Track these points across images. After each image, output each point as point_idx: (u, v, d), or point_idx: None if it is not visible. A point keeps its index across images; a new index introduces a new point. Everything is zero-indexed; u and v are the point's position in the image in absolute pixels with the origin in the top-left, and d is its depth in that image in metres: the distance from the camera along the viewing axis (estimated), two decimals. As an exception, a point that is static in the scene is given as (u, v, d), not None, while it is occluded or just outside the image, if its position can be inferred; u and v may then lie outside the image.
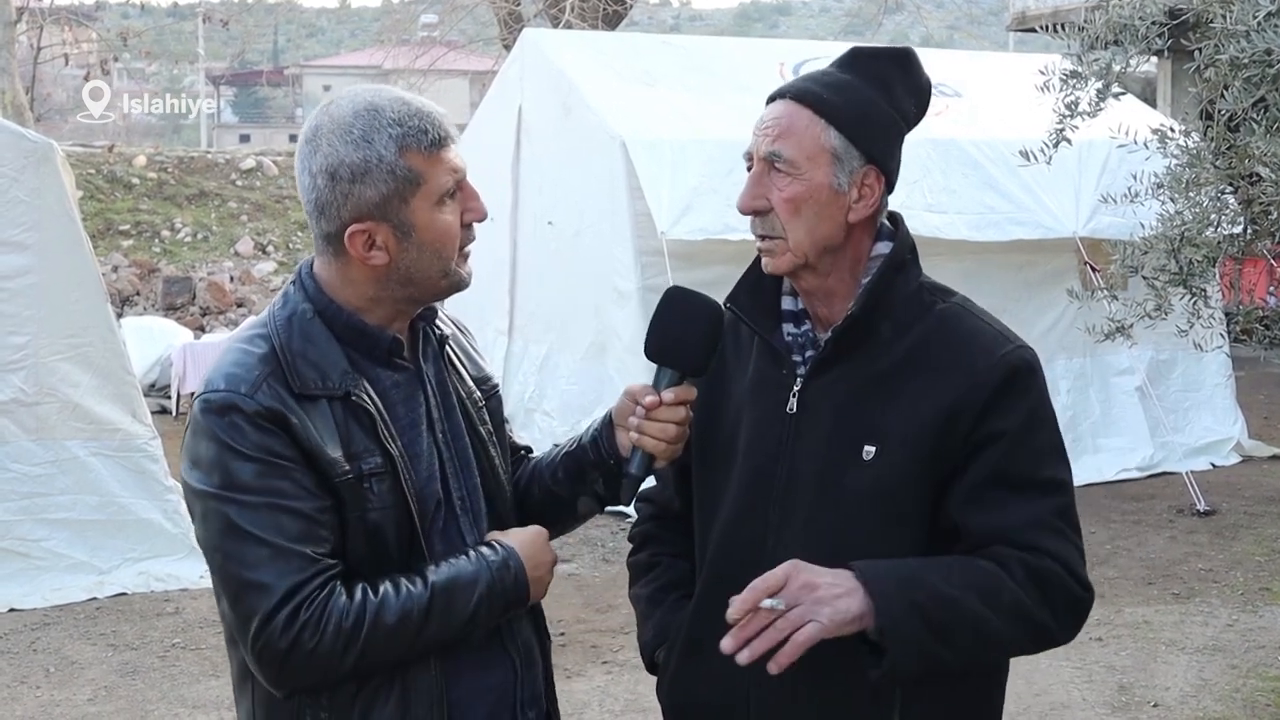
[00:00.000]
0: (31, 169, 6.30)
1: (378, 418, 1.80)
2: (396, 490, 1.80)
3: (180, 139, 35.58)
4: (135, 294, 15.99)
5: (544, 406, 8.42)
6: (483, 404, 1.98)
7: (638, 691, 4.99)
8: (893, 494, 1.82)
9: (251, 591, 1.71)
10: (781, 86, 1.93)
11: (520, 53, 9.05)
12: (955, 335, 1.87)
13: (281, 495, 1.72)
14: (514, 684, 1.92)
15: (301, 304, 1.83)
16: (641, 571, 2.17)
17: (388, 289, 1.83)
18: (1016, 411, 1.82)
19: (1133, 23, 3.99)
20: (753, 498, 1.90)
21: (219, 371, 1.79)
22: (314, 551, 1.73)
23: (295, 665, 1.72)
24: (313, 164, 1.79)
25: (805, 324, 1.94)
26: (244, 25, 23.67)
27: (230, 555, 1.72)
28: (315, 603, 1.71)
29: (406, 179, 1.76)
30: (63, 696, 5.13)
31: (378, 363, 1.85)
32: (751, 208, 1.87)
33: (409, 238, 1.79)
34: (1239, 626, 5.74)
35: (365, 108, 1.78)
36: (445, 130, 1.80)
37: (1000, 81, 8.99)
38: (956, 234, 7.72)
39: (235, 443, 1.72)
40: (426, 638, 1.78)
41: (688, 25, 44.55)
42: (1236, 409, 8.94)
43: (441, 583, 1.78)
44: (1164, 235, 4.55)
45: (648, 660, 2.12)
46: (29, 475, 6.31)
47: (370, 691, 1.80)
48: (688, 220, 7.24)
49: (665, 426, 1.85)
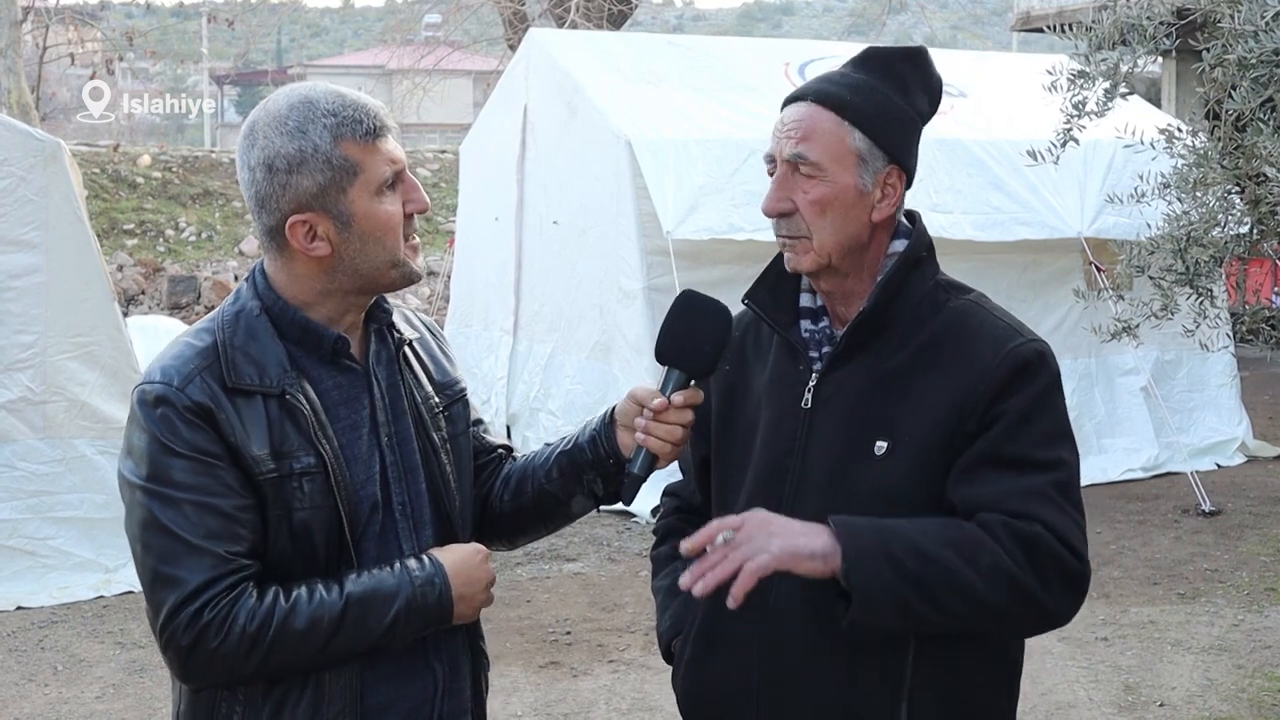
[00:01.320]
0: (39, 168, 6.32)
1: (310, 417, 1.80)
2: (327, 491, 1.80)
3: (184, 138, 35.61)
4: (140, 293, 16.01)
5: (549, 406, 8.43)
6: (440, 410, 1.97)
7: (645, 690, 4.99)
8: (903, 489, 1.83)
9: (161, 585, 1.74)
10: (800, 89, 1.94)
11: (526, 53, 9.06)
12: (966, 331, 1.87)
13: (203, 492, 1.74)
14: (434, 697, 1.91)
15: (250, 301, 1.85)
16: (663, 564, 2.19)
17: (335, 281, 1.83)
18: (1022, 395, 1.81)
19: (1140, 23, 4.00)
20: (766, 491, 1.92)
21: (159, 363, 1.82)
22: (228, 551, 1.74)
23: (197, 662, 1.74)
24: (250, 158, 1.81)
25: (824, 320, 1.96)
26: (248, 25, 23.64)
27: (148, 547, 1.76)
28: (222, 603, 1.72)
29: (343, 168, 1.78)
30: (71, 694, 5.14)
31: (322, 361, 1.86)
32: (777, 210, 1.89)
33: (349, 228, 1.80)
34: (1245, 626, 5.74)
35: (300, 100, 1.80)
36: (382, 121, 1.82)
37: (1005, 82, 9.00)
38: (962, 234, 7.72)
39: (163, 436, 1.75)
40: (337, 647, 1.78)
41: (691, 25, 44.52)
42: (1242, 409, 8.94)
43: (358, 593, 1.78)
44: (1170, 235, 4.56)
45: (664, 649, 2.14)
46: (36, 473, 6.32)
47: (282, 692, 1.80)
48: (693, 220, 7.25)
49: (672, 429, 1.87)
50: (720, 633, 1.95)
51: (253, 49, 29.24)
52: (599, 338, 7.98)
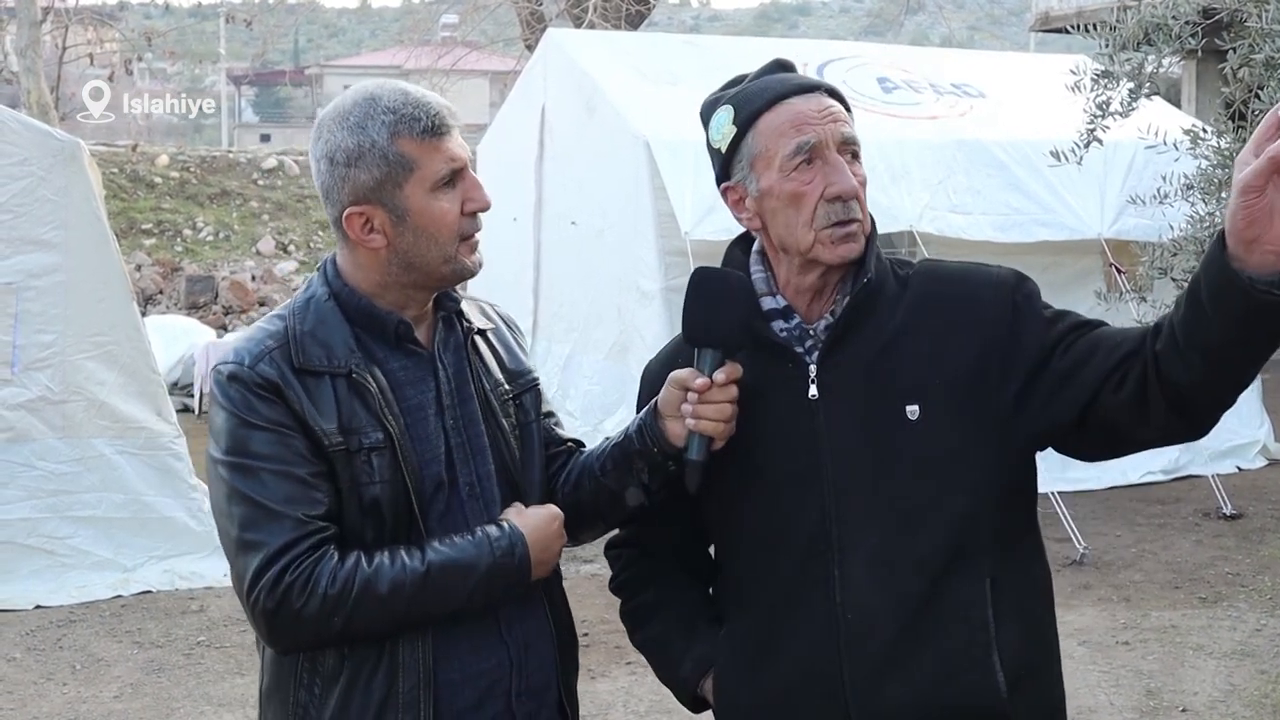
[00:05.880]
0: (59, 168, 6.34)
1: (377, 395, 1.87)
2: (395, 466, 1.86)
3: (201, 138, 35.71)
4: (158, 293, 16.06)
5: (567, 406, 8.41)
6: (509, 397, 2.02)
7: (662, 693, 4.94)
8: (951, 443, 1.83)
9: (244, 550, 1.80)
10: (804, 81, 1.95)
11: (544, 53, 9.06)
12: (948, 283, 1.92)
13: (280, 461, 1.81)
14: (508, 673, 1.94)
15: (320, 288, 1.94)
16: (644, 615, 2.11)
17: (391, 273, 1.90)
18: (1037, 315, 1.86)
19: (1165, 22, 3.96)
20: (797, 491, 1.87)
21: (234, 345, 1.92)
22: (305, 514, 1.80)
23: (283, 623, 1.79)
24: (316, 150, 1.90)
25: (795, 318, 1.94)
26: (265, 25, 23.69)
27: (231, 516, 1.82)
28: (304, 564, 1.78)
29: (399, 164, 1.85)
30: (89, 693, 5.14)
31: (387, 345, 1.92)
32: (855, 189, 1.87)
33: (404, 222, 1.87)
34: (1267, 631, 5.69)
35: (364, 97, 1.88)
36: (442, 120, 1.87)
37: (1024, 82, 8.95)
38: (981, 235, 7.68)
39: (239, 411, 1.83)
40: (418, 611, 1.83)
41: (707, 25, 44.51)
42: (1263, 412, 8.88)
43: (439, 560, 1.84)
44: (1194, 237, 4.52)
45: (689, 697, 2.06)
46: (55, 473, 6.34)
47: (355, 665, 1.86)
48: (711, 220, 7.21)
49: (721, 407, 1.86)
50: (785, 638, 1.89)
51: (270, 49, 29.30)
52: (617, 338, 7.96)
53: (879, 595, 1.83)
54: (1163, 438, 1.82)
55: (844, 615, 1.84)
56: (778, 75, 1.96)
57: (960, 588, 1.82)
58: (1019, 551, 1.91)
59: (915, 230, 7.35)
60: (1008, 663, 1.83)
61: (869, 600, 1.83)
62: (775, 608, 1.90)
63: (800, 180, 1.87)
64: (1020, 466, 1.89)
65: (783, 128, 1.88)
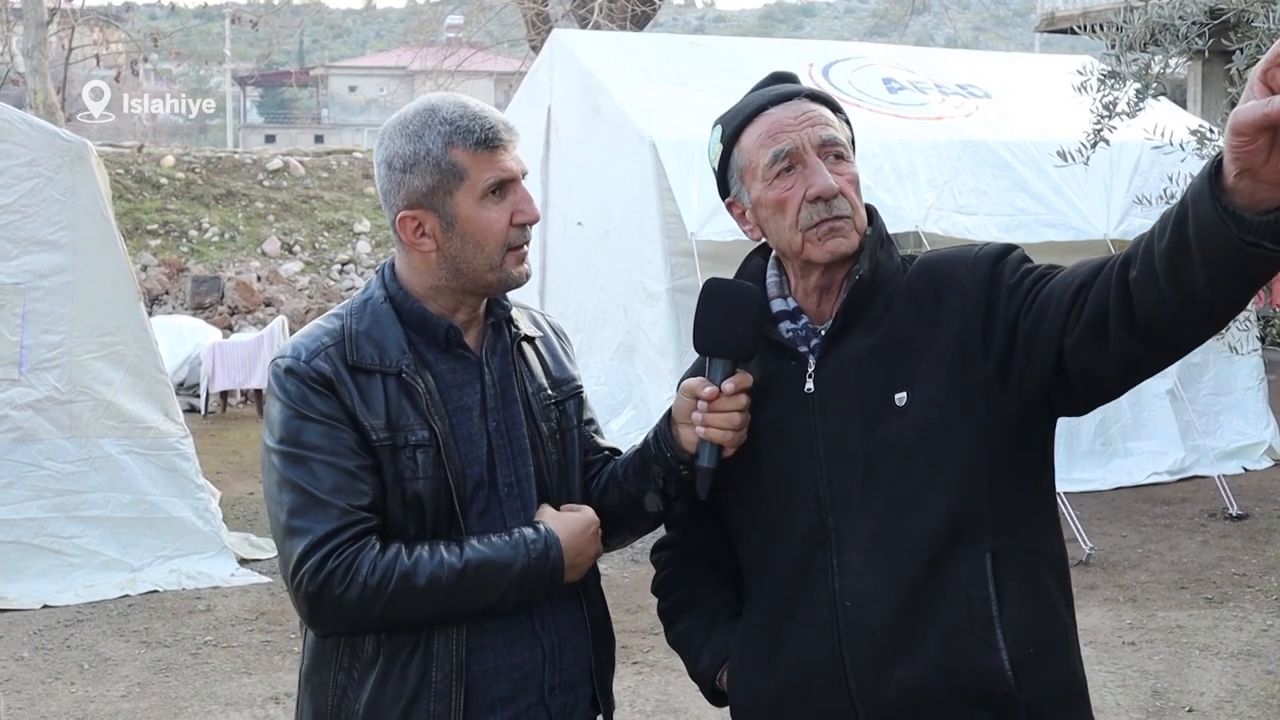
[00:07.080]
0: (67, 169, 6.36)
1: (425, 395, 1.94)
2: (439, 464, 1.93)
3: (207, 139, 35.76)
4: (164, 293, 16.09)
5: (572, 407, 8.43)
6: (552, 402, 2.09)
7: (668, 692, 4.98)
8: (938, 422, 1.84)
9: (290, 536, 1.88)
10: (783, 90, 1.98)
11: (550, 53, 9.07)
12: (933, 269, 1.93)
13: (329, 452, 1.88)
14: (541, 666, 1.99)
15: (377, 290, 2.02)
16: (678, 612, 2.18)
17: (441, 277, 1.98)
18: (1007, 283, 1.85)
19: (1172, 22, 3.96)
20: (796, 485, 1.91)
21: (292, 341, 2.00)
22: (350, 504, 1.87)
23: (324, 608, 1.87)
24: (378, 155, 1.99)
25: (803, 319, 1.97)
26: (271, 26, 23.73)
27: (280, 503, 1.90)
28: (346, 552, 1.85)
29: (451, 172, 1.93)
30: (97, 693, 5.16)
31: (437, 348, 2.00)
32: (835, 186, 1.89)
33: (453, 228, 1.94)
34: (1274, 632, 5.69)
35: (425, 108, 1.97)
36: (497, 133, 1.96)
37: (1029, 83, 8.95)
38: (987, 235, 7.68)
39: (293, 403, 1.91)
40: (453, 606, 1.91)
41: (712, 26, 44.48)
42: (1269, 412, 8.88)
43: (476, 559, 1.90)
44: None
45: (710, 688, 2.10)
46: (62, 473, 6.36)
47: (391, 653, 1.92)
48: (717, 221, 7.22)
49: (730, 416, 1.91)
50: (789, 631, 1.92)
51: (275, 50, 29.36)
52: (623, 339, 7.97)
53: (877, 581, 1.84)
54: (1126, 367, 1.74)
55: (843, 603, 1.86)
56: (764, 89, 2.01)
57: (959, 565, 1.83)
58: (1025, 523, 1.90)
59: (921, 231, 7.36)
60: (1012, 639, 1.82)
61: (867, 587, 1.85)
62: (781, 599, 1.93)
63: (782, 187, 1.91)
64: (1017, 435, 1.86)
65: (761, 139, 1.94)
